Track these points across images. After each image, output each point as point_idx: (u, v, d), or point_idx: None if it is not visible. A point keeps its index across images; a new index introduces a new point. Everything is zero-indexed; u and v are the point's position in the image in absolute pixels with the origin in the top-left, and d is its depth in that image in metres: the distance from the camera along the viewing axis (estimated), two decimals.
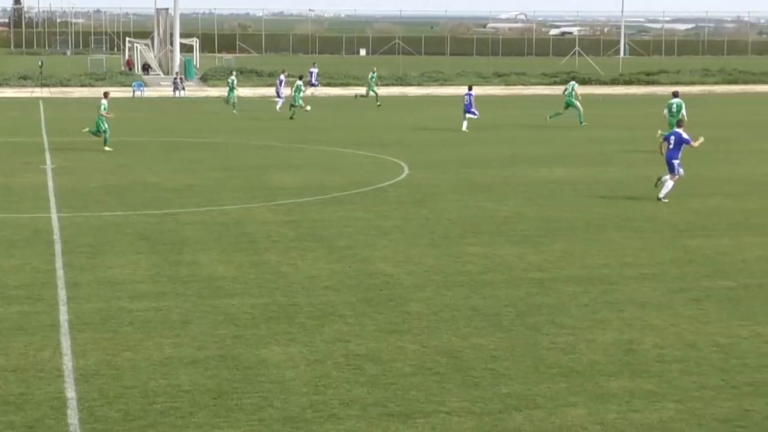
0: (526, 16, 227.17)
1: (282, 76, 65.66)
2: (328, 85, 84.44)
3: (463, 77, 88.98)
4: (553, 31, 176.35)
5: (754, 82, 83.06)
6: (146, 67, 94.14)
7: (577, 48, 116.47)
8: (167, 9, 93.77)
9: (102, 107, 41.50)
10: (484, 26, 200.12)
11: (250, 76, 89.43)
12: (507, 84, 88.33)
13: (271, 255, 23.89)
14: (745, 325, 18.57)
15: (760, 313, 19.36)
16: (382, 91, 73.25)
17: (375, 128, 53.05)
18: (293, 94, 57.71)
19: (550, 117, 53.06)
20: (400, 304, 19.90)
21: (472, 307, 19.64)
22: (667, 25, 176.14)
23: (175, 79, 78.87)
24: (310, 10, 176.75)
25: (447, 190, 32.92)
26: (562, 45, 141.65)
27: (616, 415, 14.45)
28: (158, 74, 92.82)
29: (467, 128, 52.26)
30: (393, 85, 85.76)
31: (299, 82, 58.81)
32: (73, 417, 14.18)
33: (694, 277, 22.08)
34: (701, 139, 31.71)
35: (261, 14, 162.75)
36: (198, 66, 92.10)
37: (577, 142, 46.82)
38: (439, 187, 33.42)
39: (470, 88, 56.35)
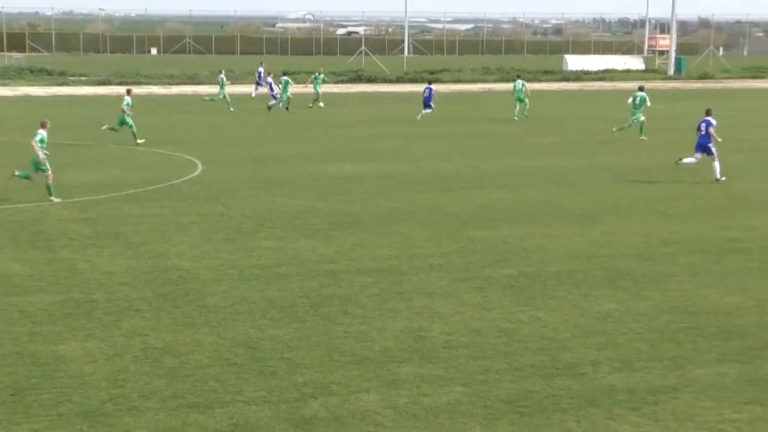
0: (313, 16, 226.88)
1: (261, 69, 68.54)
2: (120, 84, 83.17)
3: (253, 76, 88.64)
4: (340, 31, 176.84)
5: (529, 80, 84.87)
6: None
7: (363, 47, 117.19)
8: None
9: (125, 103, 40.12)
10: (273, 26, 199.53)
11: (41, 75, 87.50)
12: (297, 82, 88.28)
13: (67, 252, 23.46)
14: (526, 311, 19.06)
15: (539, 298, 19.90)
16: (174, 90, 72.38)
17: (169, 127, 52.46)
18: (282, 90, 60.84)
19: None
20: (197, 297, 19.81)
21: (267, 299, 19.68)
22: (448, 26, 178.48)
23: None
24: (100, 9, 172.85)
25: (241, 186, 32.83)
26: (349, 44, 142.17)
27: (407, 399, 14.68)
28: None
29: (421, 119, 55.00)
30: (185, 84, 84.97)
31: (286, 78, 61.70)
32: None
33: (478, 266, 22.51)
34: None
35: (51, 13, 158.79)
36: None
37: (362, 139, 47.16)
38: (234, 183, 33.31)
39: (430, 83, 60.54)
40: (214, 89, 65.08)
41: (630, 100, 48.79)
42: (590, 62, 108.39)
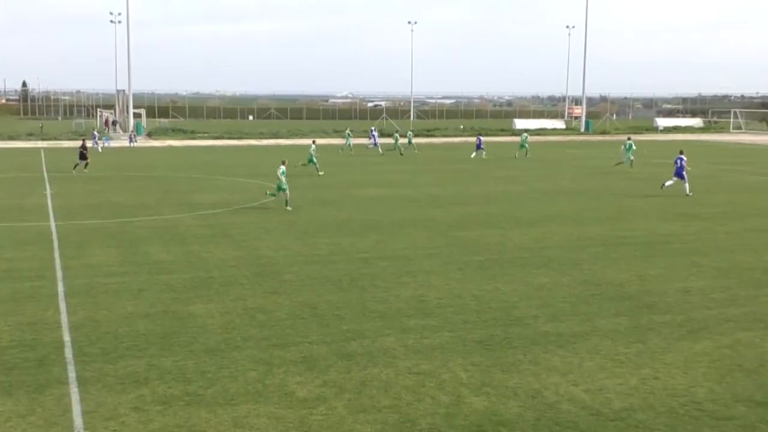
0: (352, 94, 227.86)
1: (373, 129, 70.17)
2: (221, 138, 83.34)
3: (314, 133, 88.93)
4: (369, 104, 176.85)
5: (490, 136, 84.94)
6: (114, 123, 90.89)
7: (384, 114, 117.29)
8: (124, 90, 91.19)
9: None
10: (327, 101, 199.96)
11: (179, 132, 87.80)
12: (342, 137, 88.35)
13: (195, 246, 23.47)
14: (490, 283, 19.00)
15: (498, 275, 19.83)
16: (263, 142, 72.00)
17: (260, 165, 52.49)
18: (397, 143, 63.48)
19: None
20: (278, 275, 19.78)
21: (323, 276, 19.64)
22: (438, 100, 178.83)
23: (131, 134, 76.83)
24: (216, 90, 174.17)
25: (306, 204, 32.78)
26: (375, 113, 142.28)
27: (413, 340, 14.65)
28: (119, 132, 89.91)
29: (485, 156, 57.38)
30: (270, 138, 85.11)
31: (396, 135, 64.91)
32: (68, 353, 13.79)
33: (459, 255, 22.44)
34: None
35: (185, 93, 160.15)
36: (145, 126, 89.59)
37: (383, 173, 47.12)
38: (301, 202, 33.21)
39: (480, 134, 64.12)
40: (290, 141, 65.30)
41: (622, 147, 49.67)
42: (530, 124, 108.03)
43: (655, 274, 20.02)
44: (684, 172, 36.50)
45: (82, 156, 45.87)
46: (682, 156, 37.27)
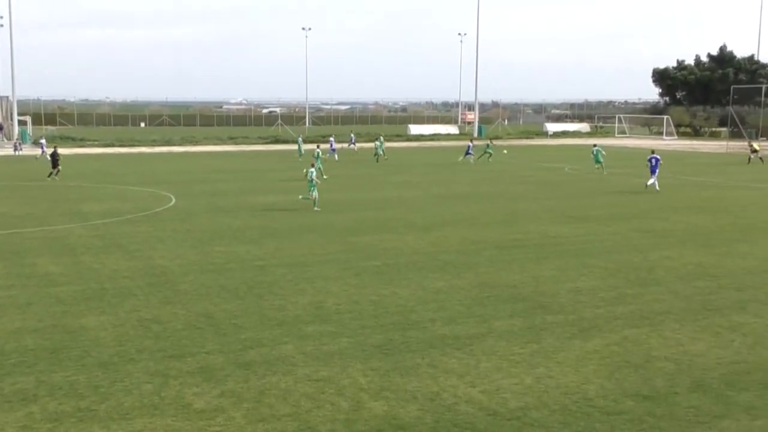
0: (247, 101, 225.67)
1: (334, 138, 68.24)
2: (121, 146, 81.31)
3: (208, 140, 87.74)
4: (264, 111, 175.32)
5: (385, 141, 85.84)
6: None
7: (279, 121, 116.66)
8: (7, 96, 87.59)
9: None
10: (221, 107, 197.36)
11: (67, 140, 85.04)
12: (236, 144, 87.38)
13: (86, 257, 22.77)
14: (387, 288, 19.09)
15: (395, 280, 19.95)
16: (156, 149, 70.63)
17: (153, 173, 51.42)
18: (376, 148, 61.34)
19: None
20: (173, 285, 19.39)
21: (219, 285, 19.36)
22: (333, 106, 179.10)
23: (15, 143, 73.98)
24: (106, 97, 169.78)
25: (201, 212, 32.30)
26: (270, 119, 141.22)
27: (312, 347, 14.59)
28: (3, 140, 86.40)
29: (473, 161, 57.87)
30: (163, 145, 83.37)
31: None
32: None
33: (355, 260, 22.47)
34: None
35: (73, 99, 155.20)
36: (31, 133, 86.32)
37: (279, 181, 46.83)
38: (196, 210, 32.76)
39: (472, 140, 65.43)
40: (184, 148, 64.29)
41: (592, 154, 52.31)
42: (425, 129, 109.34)
43: (547, 276, 20.53)
44: (657, 170, 40.79)
45: (55, 163, 45.93)
46: (656, 155, 41.43)
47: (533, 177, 48.60)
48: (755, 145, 62.52)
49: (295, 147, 69.54)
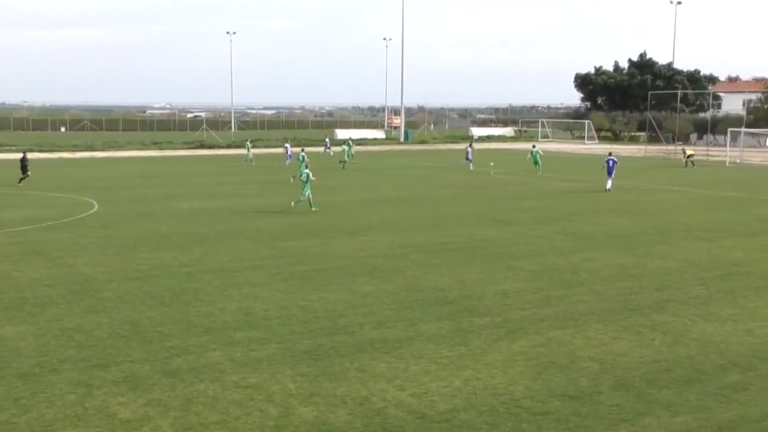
0: (171, 105, 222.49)
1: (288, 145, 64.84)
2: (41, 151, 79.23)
3: (132, 145, 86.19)
4: (189, 115, 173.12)
5: (313, 145, 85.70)
6: None
7: (204, 125, 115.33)
8: None
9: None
10: (144, 112, 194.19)
11: None
12: (160, 149, 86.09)
13: (4, 265, 22.08)
14: (316, 293, 19.03)
15: (324, 285, 19.89)
16: (77, 155, 69.00)
17: (74, 179, 50.27)
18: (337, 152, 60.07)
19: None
20: (96, 293, 18.97)
21: (144, 292, 19.02)
22: (259, 111, 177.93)
23: None
24: (24, 101, 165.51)
25: (124, 218, 31.70)
26: (195, 124, 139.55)
27: (240, 354, 14.45)
28: None
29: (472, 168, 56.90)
30: (85, 150, 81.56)
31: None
32: None
33: (284, 265, 22.35)
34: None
35: None
36: None
37: (205, 185, 46.29)
38: (119, 216, 32.14)
39: (470, 145, 64.06)
40: (106, 154, 63.00)
41: (528, 155, 55.70)
42: (352, 134, 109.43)
43: (474, 279, 20.75)
44: (614, 171, 43.31)
45: (24, 169, 45.52)
46: (613, 157, 43.96)
47: (459, 181, 49.10)
48: (688, 151, 65.17)
49: (243, 151, 68.60)
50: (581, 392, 12.71)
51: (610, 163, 43.39)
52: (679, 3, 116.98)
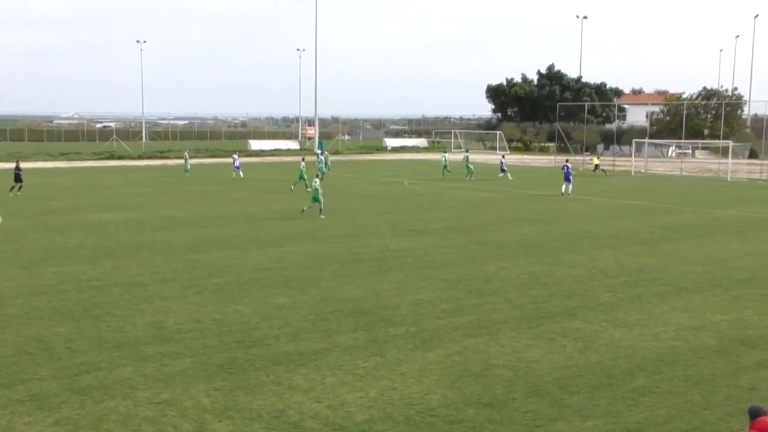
0: (79, 114, 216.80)
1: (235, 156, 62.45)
2: None
3: (38, 156, 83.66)
4: (99, 125, 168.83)
5: (223, 156, 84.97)
6: None
7: (114, 136, 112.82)
8: None
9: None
10: (51, 122, 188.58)
11: None
12: (68, 160, 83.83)
13: None
14: (230, 305, 18.82)
15: (238, 297, 19.69)
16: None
17: None
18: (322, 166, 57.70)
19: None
20: (1, 308, 18.33)
21: (52, 307, 18.48)
22: (171, 121, 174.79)
23: None
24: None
25: (30, 231, 30.76)
26: (105, 134, 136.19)
27: (153, 369, 14.18)
28: None
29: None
30: None
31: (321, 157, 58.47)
32: None
33: (197, 278, 22.04)
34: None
35: None
36: None
37: (116, 197, 45.28)
38: (25, 230, 31.16)
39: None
40: (11, 165, 60.73)
41: (463, 159, 61.36)
42: (265, 145, 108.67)
43: (389, 289, 20.84)
44: (571, 176, 47.71)
45: (17, 178, 46.00)
46: (568, 164, 49.04)
47: (374, 192, 49.29)
48: (595, 160, 68.22)
49: (180, 162, 67.26)
50: (496, 399, 12.89)
51: (565, 169, 48.22)
52: (585, 18, 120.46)
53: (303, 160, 54.01)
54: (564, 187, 47.56)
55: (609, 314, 18.45)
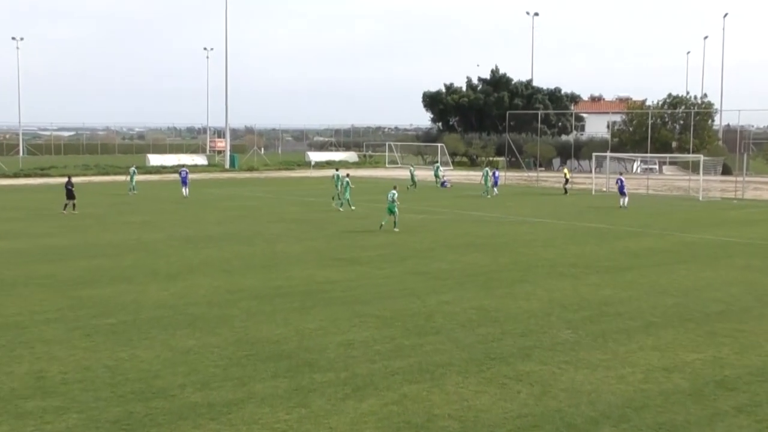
0: None
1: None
2: None
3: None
4: None
5: (117, 174, 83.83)
6: None
7: None
8: None
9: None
10: None
11: None
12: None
13: None
14: (126, 350, 18.53)
15: (136, 340, 19.37)
16: None
17: None
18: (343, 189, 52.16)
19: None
20: None
21: None
22: (54, 133, 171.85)
23: None
24: None
25: None
26: None
27: (32, 428, 13.83)
28: None
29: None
30: None
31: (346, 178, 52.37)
32: None
33: (86, 318, 21.63)
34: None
35: None
36: None
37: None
38: None
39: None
40: None
41: (433, 171, 73.52)
42: (167, 159, 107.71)
43: (314, 327, 20.76)
44: (625, 189, 55.00)
45: (70, 194, 49.23)
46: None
47: (295, 214, 49.20)
48: (567, 174, 71.66)
49: (125, 178, 66.45)
50: None
51: (620, 182, 55.12)
52: (536, 15, 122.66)
53: (338, 171, 58.36)
54: (621, 201, 54.79)
55: (569, 354, 18.67)
